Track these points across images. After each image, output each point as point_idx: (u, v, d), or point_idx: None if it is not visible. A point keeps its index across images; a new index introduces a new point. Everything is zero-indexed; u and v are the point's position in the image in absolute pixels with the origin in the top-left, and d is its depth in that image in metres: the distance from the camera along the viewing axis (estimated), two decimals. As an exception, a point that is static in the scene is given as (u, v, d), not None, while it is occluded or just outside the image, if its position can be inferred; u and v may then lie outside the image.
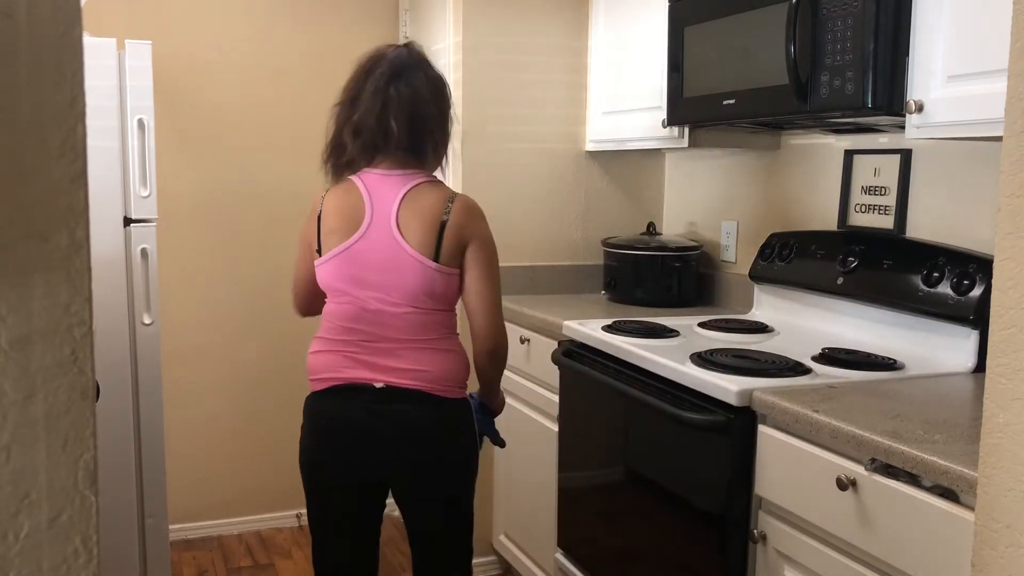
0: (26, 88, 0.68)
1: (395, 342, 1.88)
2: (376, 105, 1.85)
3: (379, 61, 1.89)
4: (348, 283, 1.88)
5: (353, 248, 1.87)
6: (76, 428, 0.72)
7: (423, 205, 1.85)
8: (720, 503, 1.84)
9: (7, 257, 0.69)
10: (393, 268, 1.84)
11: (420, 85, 1.87)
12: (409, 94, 1.86)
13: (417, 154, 1.90)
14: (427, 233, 1.84)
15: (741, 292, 2.79)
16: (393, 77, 1.86)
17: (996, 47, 1.62)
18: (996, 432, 1.09)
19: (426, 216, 1.84)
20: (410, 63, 1.89)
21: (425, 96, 1.87)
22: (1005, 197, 1.07)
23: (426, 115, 1.88)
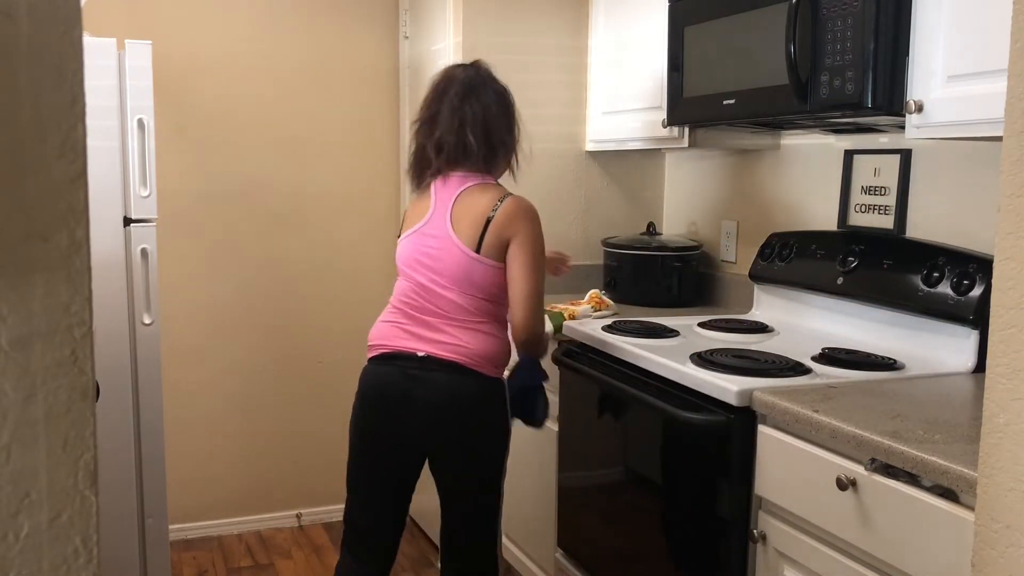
0: (26, 88, 0.68)
1: (441, 318, 2.08)
2: (455, 123, 2.09)
3: (452, 82, 2.13)
4: (410, 264, 2.12)
5: (417, 233, 2.12)
6: (76, 428, 0.72)
7: (475, 202, 2.07)
8: (720, 503, 1.84)
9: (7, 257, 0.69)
10: (444, 254, 2.07)
11: (490, 101, 2.12)
12: (481, 110, 2.10)
13: (489, 162, 2.13)
14: (473, 227, 2.05)
15: (741, 292, 2.79)
16: (466, 96, 2.10)
17: (996, 47, 1.62)
18: (996, 432, 1.09)
19: (476, 212, 2.05)
20: (478, 81, 2.13)
21: (495, 111, 2.12)
22: (1005, 197, 1.07)
23: (498, 127, 2.13)
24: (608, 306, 2.67)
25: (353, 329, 3.55)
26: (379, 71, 3.49)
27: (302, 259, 3.47)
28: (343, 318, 3.53)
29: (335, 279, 3.53)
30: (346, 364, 3.51)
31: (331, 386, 3.53)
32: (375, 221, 3.56)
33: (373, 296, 3.59)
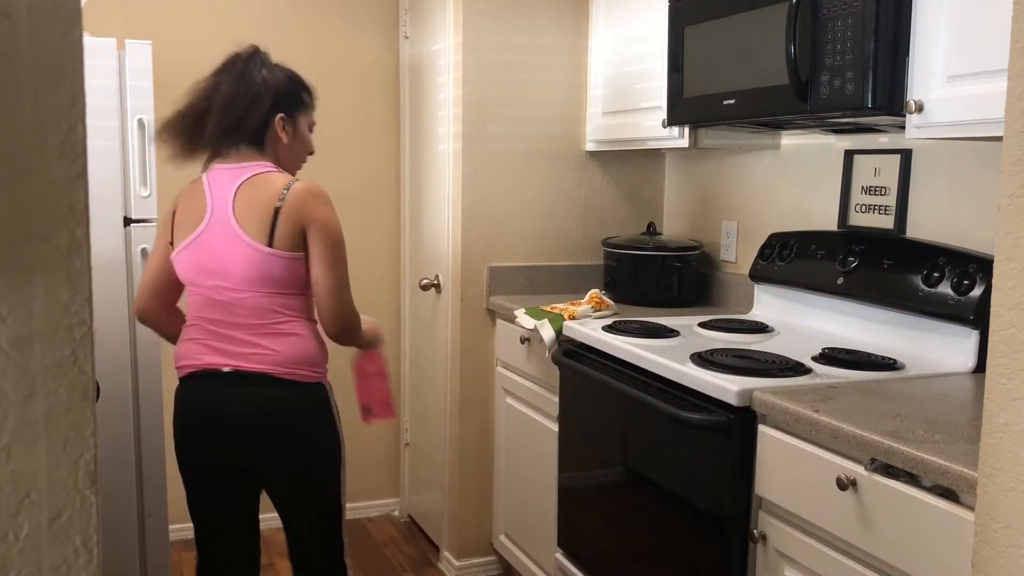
0: (26, 88, 0.68)
1: (242, 328, 1.95)
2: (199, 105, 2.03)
3: None
4: (197, 276, 1.98)
5: (196, 241, 1.97)
6: (76, 428, 0.72)
7: (259, 192, 1.93)
8: (720, 503, 1.84)
9: (7, 257, 0.69)
10: (232, 255, 1.92)
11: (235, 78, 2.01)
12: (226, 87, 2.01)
13: (254, 144, 2.01)
14: (261, 220, 1.90)
15: (741, 292, 2.79)
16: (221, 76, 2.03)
17: (996, 47, 1.62)
18: (996, 432, 1.09)
19: (261, 202, 1.91)
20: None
21: (235, 87, 1.99)
22: (1005, 197, 1.07)
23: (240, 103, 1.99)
24: (608, 306, 2.67)
25: (353, 329, 3.55)
26: (379, 71, 3.50)
27: (302, 259, 3.47)
28: (343, 318, 3.53)
29: (335, 279, 3.52)
30: (345, 363, 3.50)
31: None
32: (375, 221, 3.56)
33: (372, 296, 3.59)
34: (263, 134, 2.02)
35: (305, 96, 2.11)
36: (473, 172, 3.01)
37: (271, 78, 2.02)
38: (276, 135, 2.03)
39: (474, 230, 3.03)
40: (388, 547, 3.42)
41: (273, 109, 2.01)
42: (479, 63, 2.97)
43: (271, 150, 2.04)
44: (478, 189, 3.02)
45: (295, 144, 2.09)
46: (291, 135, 2.06)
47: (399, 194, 3.59)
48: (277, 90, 2.02)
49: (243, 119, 1.98)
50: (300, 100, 2.09)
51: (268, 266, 1.91)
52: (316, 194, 1.95)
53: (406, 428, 3.62)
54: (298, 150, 2.11)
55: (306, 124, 2.12)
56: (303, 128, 2.11)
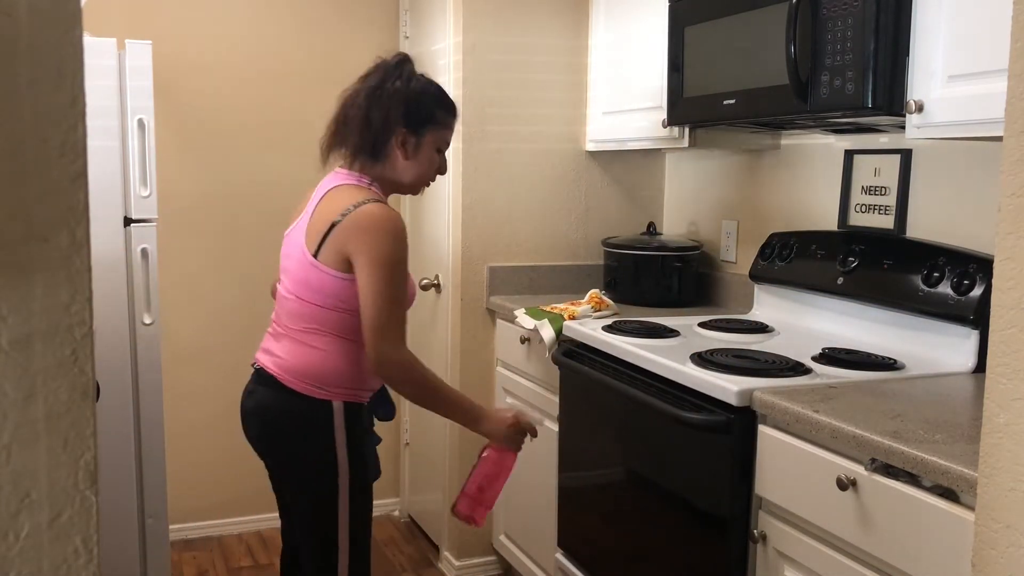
0: (26, 88, 0.68)
1: (282, 327, 1.96)
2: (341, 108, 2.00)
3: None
4: (281, 264, 2.01)
5: (288, 233, 1.99)
6: (76, 428, 0.72)
7: (330, 205, 1.90)
8: (720, 503, 1.84)
9: (7, 257, 0.69)
10: (294, 252, 1.93)
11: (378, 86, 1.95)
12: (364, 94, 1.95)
13: (363, 152, 1.95)
14: (317, 230, 1.87)
15: (741, 292, 2.79)
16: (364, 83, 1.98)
17: (996, 47, 1.62)
18: (996, 432, 1.09)
19: (326, 213, 1.88)
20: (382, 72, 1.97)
21: (375, 94, 1.93)
22: (1005, 197, 1.07)
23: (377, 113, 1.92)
24: (608, 306, 2.67)
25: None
26: (379, 71, 3.49)
27: (302, 259, 3.47)
28: (343, 318, 3.53)
29: (335, 279, 3.52)
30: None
31: (331, 386, 3.53)
32: (375, 221, 3.56)
33: (373, 296, 3.59)
34: (383, 147, 1.92)
35: (439, 113, 1.96)
36: (473, 172, 3.01)
37: (404, 89, 1.91)
38: (393, 150, 1.92)
39: (474, 230, 3.03)
40: (388, 547, 3.42)
41: (397, 122, 1.90)
42: (479, 63, 2.97)
43: (387, 165, 1.94)
44: (478, 189, 3.02)
45: (414, 163, 1.94)
46: (411, 152, 1.93)
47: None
48: (407, 101, 1.91)
49: (364, 130, 1.91)
50: (431, 116, 1.94)
51: (309, 275, 1.87)
52: (374, 220, 1.83)
53: (406, 428, 3.62)
54: (417, 170, 1.96)
55: (434, 143, 1.96)
56: (427, 147, 1.95)
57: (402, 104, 1.91)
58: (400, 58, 1.97)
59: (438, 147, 1.98)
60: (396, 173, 1.96)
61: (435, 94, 1.98)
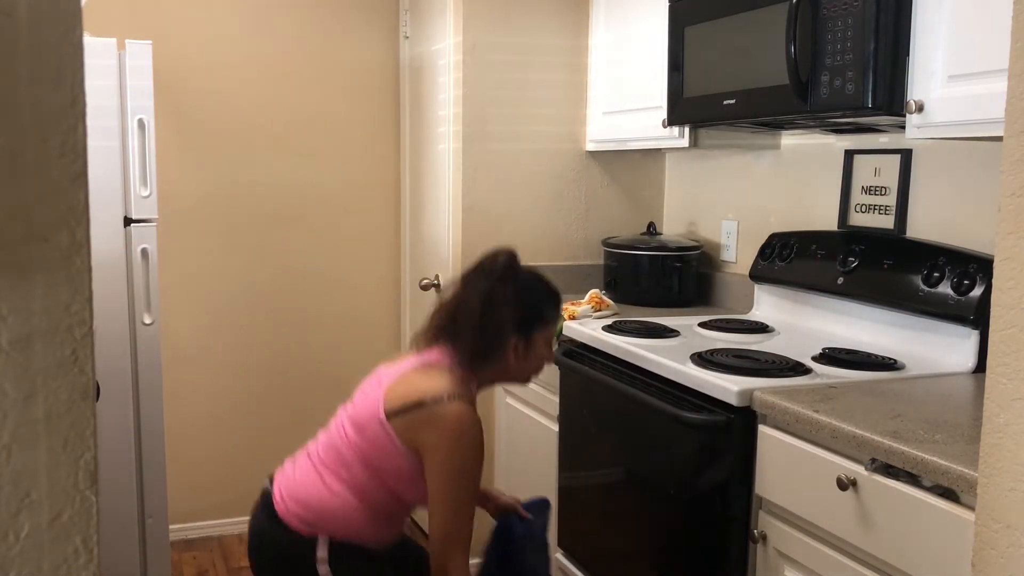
0: (26, 88, 0.68)
1: (315, 456, 1.88)
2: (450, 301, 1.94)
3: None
4: (354, 396, 1.92)
5: (371, 379, 1.91)
6: (76, 428, 0.72)
7: (419, 379, 1.82)
8: (720, 503, 1.84)
9: (7, 257, 0.69)
10: (365, 399, 1.84)
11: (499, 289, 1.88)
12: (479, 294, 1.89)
13: (465, 350, 1.87)
14: (402, 395, 1.79)
15: (741, 292, 2.79)
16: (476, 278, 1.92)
17: (996, 47, 1.62)
18: (996, 432, 1.09)
19: (416, 387, 1.79)
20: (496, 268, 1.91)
21: (497, 299, 1.87)
22: (1005, 197, 1.07)
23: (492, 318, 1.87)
24: (608, 306, 2.67)
25: (353, 328, 3.56)
26: (379, 71, 3.50)
27: (302, 259, 3.47)
28: (343, 317, 3.53)
29: (335, 279, 3.53)
30: (346, 364, 3.51)
31: (331, 386, 3.53)
32: (375, 221, 3.56)
33: (373, 295, 3.59)
34: (494, 353, 1.87)
35: (548, 311, 1.92)
36: (473, 172, 3.01)
37: (515, 299, 1.86)
38: (506, 355, 1.87)
39: (474, 230, 3.03)
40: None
41: (510, 332, 1.86)
42: (479, 63, 2.97)
43: (497, 367, 1.89)
44: (478, 189, 3.02)
45: (524, 363, 1.90)
46: (522, 355, 1.88)
47: (399, 194, 3.59)
48: (520, 308, 1.87)
49: (476, 336, 1.84)
50: (540, 317, 1.90)
51: (372, 426, 1.79)
52: (461, 426, 1.75)
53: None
54: (527, 368, 1.93)
55: (543, 340, 1.91)
56: (539, 346, 1.90)
57: (515, 312, 1.86)
58: (508, 259, 1.91)
59: (547, 340, 1.93)
60: (505, 374, 1.92)
61: (544, 293, 1.93)
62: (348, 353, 3.52)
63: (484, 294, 1.85)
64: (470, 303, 1.86)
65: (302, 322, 3.51)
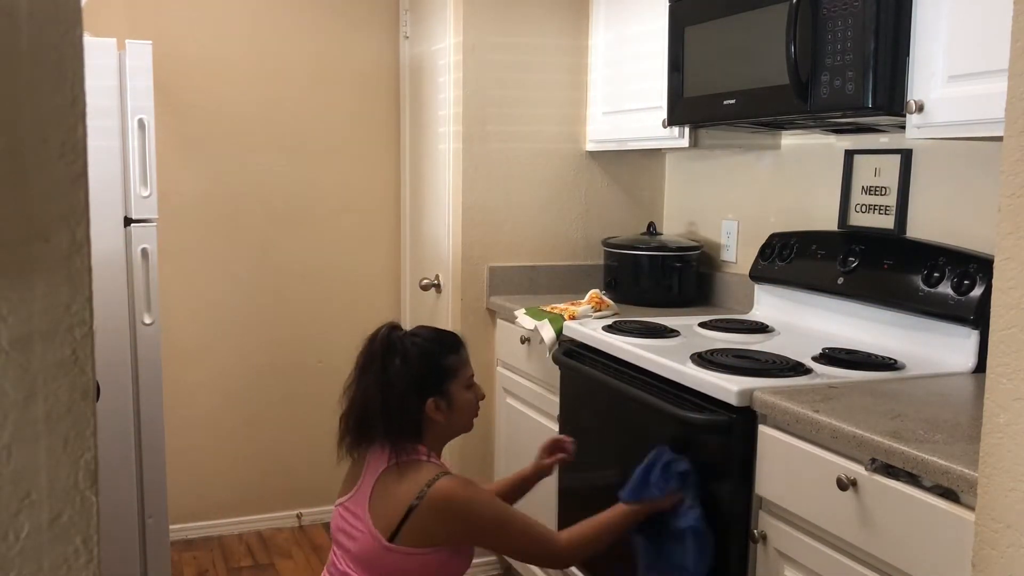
0: (26, 88, 0.68)
1: None
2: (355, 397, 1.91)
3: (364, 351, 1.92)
4: (335, 537, 1.90)
5: (343, 505, 1.89)
6: (77, 428, 0.72)
7: (395, 488, 1.80)
8: (720, 503, 1.84)
9: (8, 257, 0.69)
10: (359, 535, 1.81)
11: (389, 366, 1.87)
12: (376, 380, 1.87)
13: (398, 434, 1.86)
14: (392, 513, 1.78)
15: (741, 292, 2.79)
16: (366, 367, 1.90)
17: (996, 47, 1.62)
18: (996, 432, 1.09)
19: (397, 497, 1.78)
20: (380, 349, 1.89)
21: (392, 376, 1.85)
22: (1005, 197, 1.07)
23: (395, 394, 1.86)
24: (608, 306, 2.67)
25: (353, 329, 3.54)
26: (379, 71, 3.50)
27: (302, 259, 3.47)
28: (343, 318, 3.53)
29: (335, 279, 3.53)
30: (346, 364, 3.49)
31: (331, 386, 3.52)
32: (375, 220, 3.56)
33: (373, 295, 3.59)
34: (419, 424, 1.85)
35: (451, 360, 1.89)
36: (473, 172, 3.01)
37: (406, 369, 1.83)
38: (432, 418, 1.85)
39: (474, 230, 3.03)
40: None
41: (421, 398, 1.84)
42: (479, 63, 2.97)
43: (430, 432, 1.87)
44: (478, 189, 3.02)
45: (453, 415, 1.88)
46: (446, 411, 1.87)
47: (399, 194, 3.59)
48: (418, 376, 1.84)
49: (391, 422, 1.83)
50: (445, 371, 1.87)
51: (382, 558, 1.78)
52: (457, 500, 1.77)
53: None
54: (459, 417, 1.91)
55: (462, 384, 1.89)
56: (459, 394, 1.88)
57: (413, 380, 1.84)
58: (386, 332, 1.88)
59: (466, 386, 1.91)
60: (443, 433, 1.91)
61: (436, 348, 1.89)
62: (348, 353, 3.50)
63: (376, 378, 1.84)
64: (368, 393, 1.85)
65: (302, 322, 3.51)
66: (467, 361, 1.93)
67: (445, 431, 1.90)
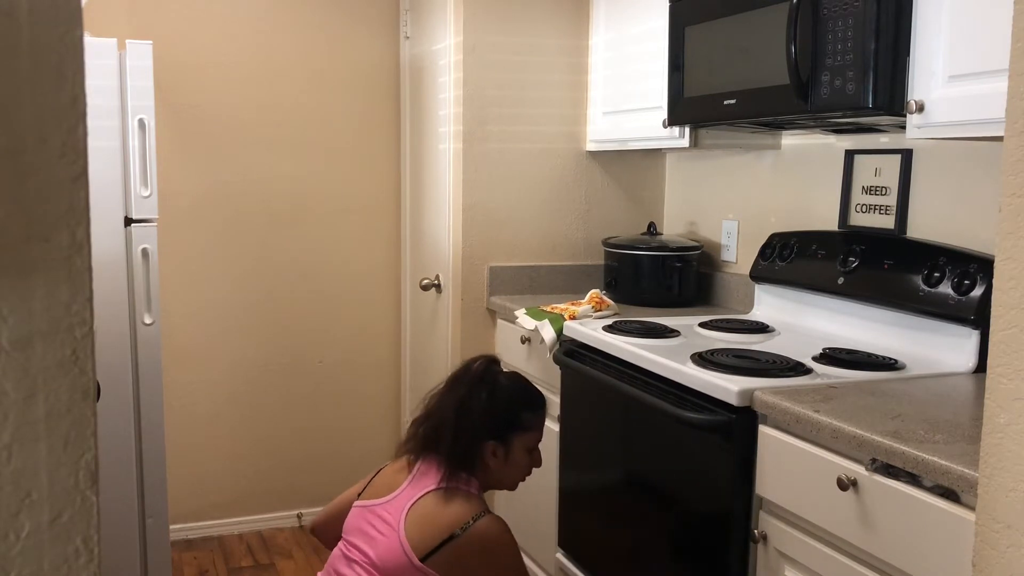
0: (27, 88, 0.68)
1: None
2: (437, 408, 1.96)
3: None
4: (351, 532, 1.90)
5: (373, 508, 1.90)
6: (77, 428, 0.72)
7: (440, 511, 1.83)
8: (721, 503, 1.84)
9: (8, 257, 0.69)
10: (382, 539, 1.83)
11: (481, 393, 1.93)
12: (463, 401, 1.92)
13: (458, 460, 1.90)
14: (431, 535, 1.80)
15: (742, 292, 2.79)
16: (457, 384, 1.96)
17: (997, 47, 1.62)
18: (997, 432, 1.09)
19: (440, 520, 1.81)
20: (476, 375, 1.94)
21: (480, 404, 1.91)
22: (1006, 197, 1.07)
23: (473, 422, 1.91)
24: (608, 306, 2.67)
25: (353, 328, 3.55)
26: (379, 71, 3.50)
27: (303, 259, 3.47)
28: (343, 318, 3.53)
29: (335, 279, 3.53)
30: (346, 364, 3.51)
31: (331, 386, 3.53)
32: (375, 221, 3.56)
33: (373, 295, 3.59)
34: (474, 459, 1.89)
35: (526, 416, 1.93)
36: (473, 172, 3.01)
37: (490, 402, 1.89)
38: (485, 460, 1.90)
39: (474, 230, 3.03)
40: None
41: (485, 437, 1.88)
42: (479, 63, 2.97)
43: (480, 473, 1.91)
44: (478, 189, 3.02)
45: (505, 467, 1.92)
46: (502, 461, 1.91)
47: (399, 194, 3.59)
48: (494, 414, 1.89)
49: (454, 444, 1.87)
50: (518, 422, 1.92)
51: (401, 572, 1.79)
52: (497, 543, 1.81)
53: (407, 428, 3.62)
54: (509, 472, 1.94)
55: (523, 445, 1.93)
56: (517, 451, 1.92)
57: (489, 417, 1.89)
58: (485, 364, 1.94)
59: (528, 448, 1.94)
60: (490, 479, 1.94)
61: (521, 398, 1.94)
62: (348, 352, 3.52)
63: (458, 401, 1.89)
64: (445, 411, 1.90)
65: (302, 322, 3.51)
66: (541, 425, 1.98)
67: (492, 478, 1.94)
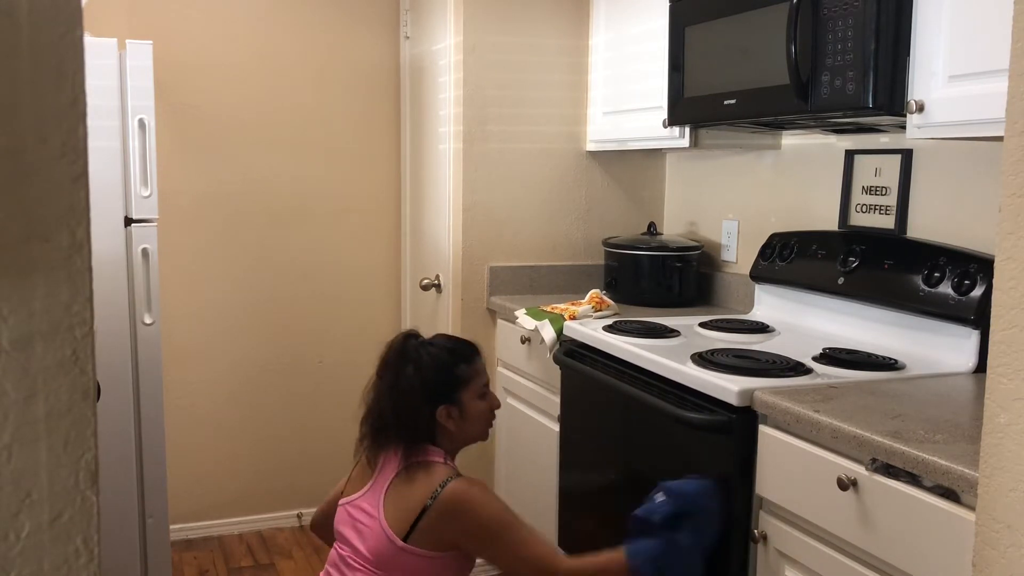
0: (27, 88, 0.68)
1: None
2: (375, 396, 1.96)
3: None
4: (339, 534, 1.93)
5: (353, 503, 1.92)
6: (77, 428, 0.72)
7: (410, 488, 1.84)
8: (721, 503, 1.84)
9: (8, 257, 0.69)
10: (371, 533, 1.84)
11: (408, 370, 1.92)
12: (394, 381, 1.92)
13: (414, 437, 1.92)
14: (406, 513, 1.82)
15: (742, 292, 2.79)
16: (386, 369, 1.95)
17: (997, 47, 1.62)
18: (997, 432, 1.09)
19: (411, 498, 1.83)
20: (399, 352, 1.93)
21: (408, 381, 1.91)
22: (1006, 197, 1.07)
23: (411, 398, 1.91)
24: (609, 306, 2.67)
25: (353, 328, 3.55)
26: (379, 71, 3.50)
27: (303, 259, 3.47)
28: (343, 317, 3.53)
29: (335, 279, 3.53)
30: (346, 364, 3.51)
31: (332, 386, 3.53)
32: (375, 220, 3.56)
33: (373, 295, 3.59)
34: (432, 431, 1.90)
35: (462, 368, 1.93)
36: (473, 172, 3.01)
37: (419, 376, 1.89)
38: (445, 426, 1.90)
39: (474, 230, 3.03)
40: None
41: (432, 405, 1.89)
42: (479, 63, 2.97)
43: (445, 438, 1.92)
44: (478, 189, 3.02)
45: (466, 423, 1.93)
46: (458, 418, 1.91)
47: (399, 194, 3.59)
48: (428, 384, 1.89)
49: (403, 429, 1.88)
50: (457, 379, 1.92)
51: (396, 558, 1.81)
52: (467, 501, 1.81)
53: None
54: (472, 426, 1.95)
55: (475, 394, 1.93)
56: (471, 403, 1.93)
57: (425, 389, 1.89)
58: (402, 340, 1.94)
59: (479, 395, 1.95)
60: (456, 440, 1.95)
61: (448, 357, 1.93)
62: (348, 352, 3.52)
63: (389, 385, 1.90)
64: (382, 400, 1.90)
65: (302, 322, 3.51)
66: (481, 371, 1.97)
67: (458, 438, 1.95)
